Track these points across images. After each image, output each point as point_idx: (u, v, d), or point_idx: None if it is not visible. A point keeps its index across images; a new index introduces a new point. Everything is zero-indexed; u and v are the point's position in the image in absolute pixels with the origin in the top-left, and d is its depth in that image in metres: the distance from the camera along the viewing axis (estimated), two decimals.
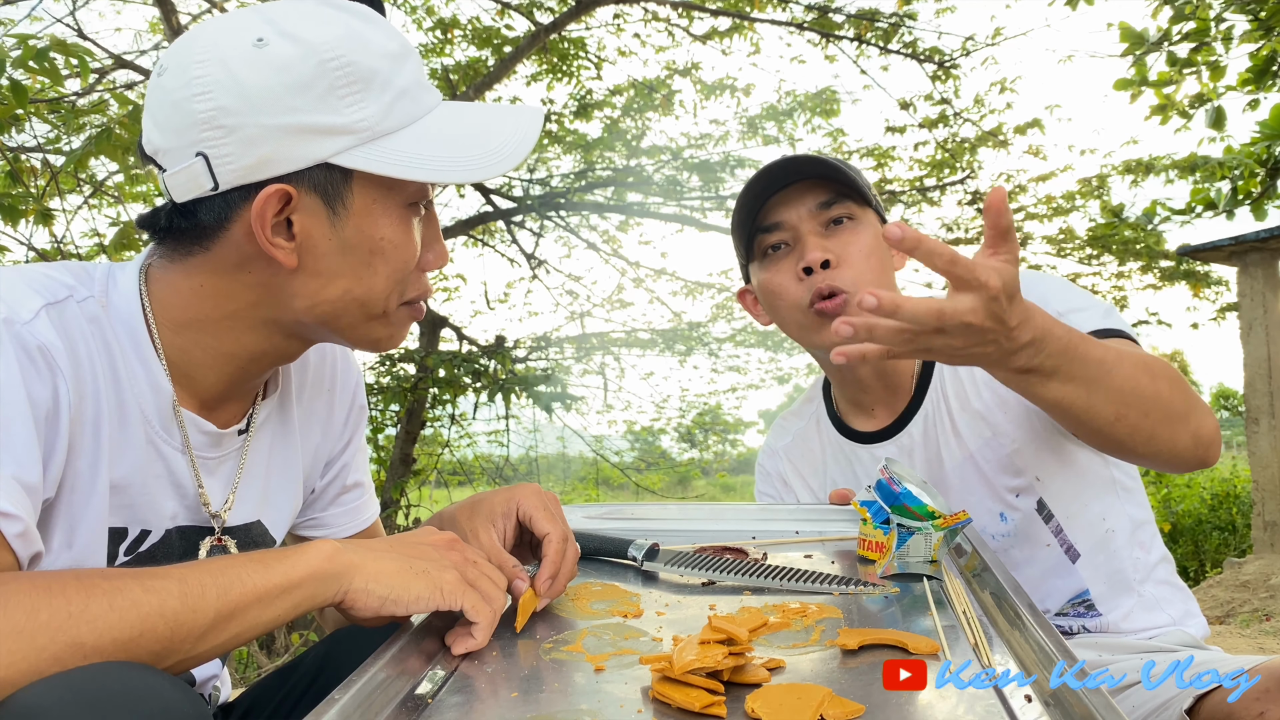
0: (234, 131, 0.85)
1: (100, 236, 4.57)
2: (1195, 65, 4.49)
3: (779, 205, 1.40)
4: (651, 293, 8.59)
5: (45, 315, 0.85)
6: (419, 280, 0.99)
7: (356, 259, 0.92)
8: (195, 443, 0.98)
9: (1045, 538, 1.40)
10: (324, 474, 1.22)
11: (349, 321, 0.96)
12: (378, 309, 0.96)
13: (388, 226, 0.93)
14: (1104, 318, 1.29)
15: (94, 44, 4.16)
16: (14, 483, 0.78)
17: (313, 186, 0.89)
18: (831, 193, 1.39)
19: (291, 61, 0.86)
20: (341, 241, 0.91)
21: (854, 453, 1.51)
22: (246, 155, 0.86)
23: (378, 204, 0.92)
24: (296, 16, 0.89)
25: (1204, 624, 1.43)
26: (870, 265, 1.38)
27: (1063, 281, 1.39)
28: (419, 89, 0.94)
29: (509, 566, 1.00)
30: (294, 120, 0.86)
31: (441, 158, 0.91)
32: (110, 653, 0.69)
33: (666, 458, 9.76)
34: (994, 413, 1.38)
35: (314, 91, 0.86)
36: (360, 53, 0.88)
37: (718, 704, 0.72)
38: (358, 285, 0.93)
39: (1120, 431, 1.10)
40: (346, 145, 0.88)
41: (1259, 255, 7.10)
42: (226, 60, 0.86)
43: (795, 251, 1.40)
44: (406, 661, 0.83)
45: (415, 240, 0.96)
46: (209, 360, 0.96)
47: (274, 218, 0.88)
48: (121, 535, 0.94)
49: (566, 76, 7.02)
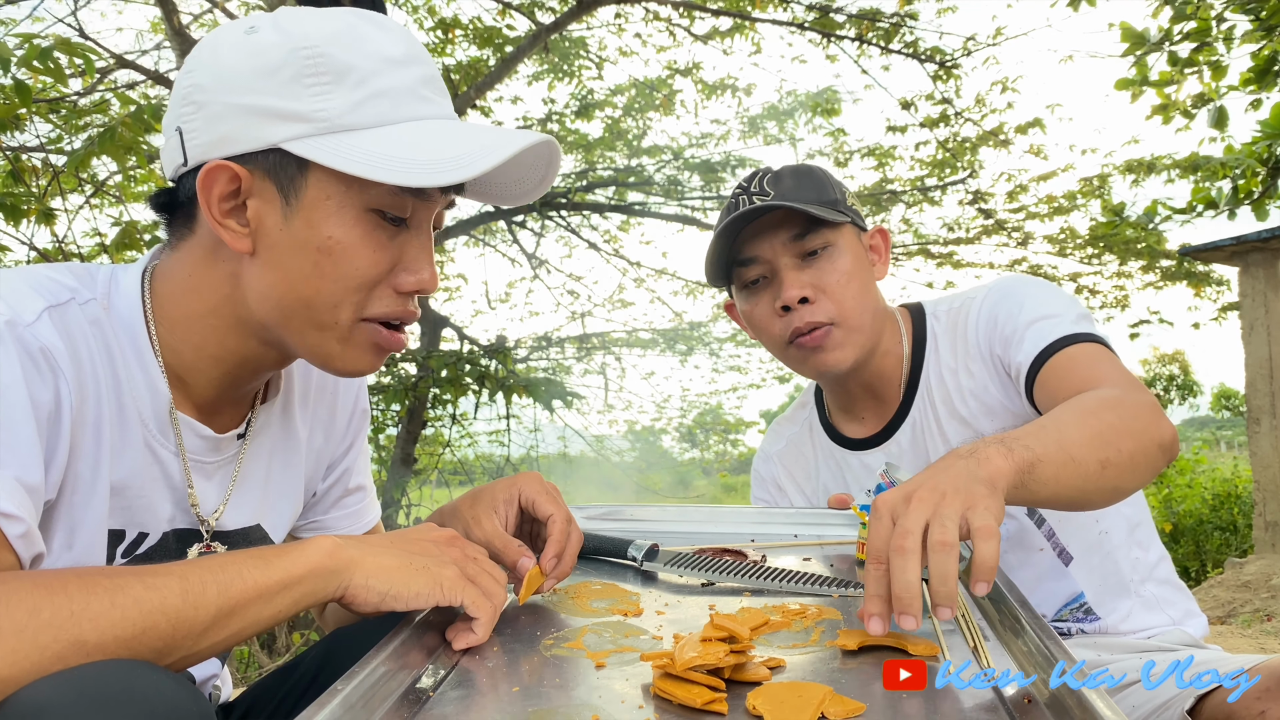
0: (203, 108, 0.89)
1: (102, 236, 4.57)
2: (1196, 65, 4.48)
3: (754, 238, 1.39)
4: (652, 292, 8.60)
5: (48, 317, 0.86)
6: (386, 297, 0.94)
7: (306, 255, 0.90)
8: (191, 447, 0.98)
9: (1038, 542, 1.40)
10: (325, 477, 1.22)
11: (298, 325, 0.93)
12: (326, 317, 0.92)
13: (338, 226, 0.90)
14: (1075, 323, 1.28)
15: (95, 44, 4.16)
16: (16, 484, 0.78)
17: (267, 172, 0.89)
18: (804, 223, 1.38)
19: (267, 47, 0.88)
20: (291, 233, 0.90)
21: (844, 459, 1.52)
22: (209, 131, 0.89)
23: (331, 201, 0.90)
24: (304, 14, 0.91)
25: (1204, 623, 1.43)
26: (851, 291, 1.38)
27: (1041, 286, 1.39)
28: (408, 97, 0.91)
29: (513, 548, 1.00)
30: (254, 101, 0.87)
31: (398, 159, 0.87)
32: (112, 650, 0.69)
33: (667, 457, 9.76)
34: (980, 420, 1.39)
35: (279, 77, 0.87)
36: (344, 49, 0.88)
37: (719, 701, 0.72)
38: (304, 284, 0.91)
39: (1109, 477, 1.03)
40: (300, 133, 0.88)
41: (1260, 255, 7.10)
42: (217, 44, 0.90)
43: (773, 286, 1.40)
44: (408, 655, 0.84)
45: (373, 248, 0.91)
46: (199, 363, 0.97)
47: (227, 201, 0.89)
48: (120, 537, 0.94)
49: (567, 76, 7.03)
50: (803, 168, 1.43)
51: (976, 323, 1.40)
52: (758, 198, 1.37)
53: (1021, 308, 1.33)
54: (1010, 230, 8.70)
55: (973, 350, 1.39)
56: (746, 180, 1.41)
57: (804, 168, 1.43)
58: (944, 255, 8.96)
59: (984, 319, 1.39)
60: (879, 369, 1.45)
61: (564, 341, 8.38)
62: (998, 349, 1.36)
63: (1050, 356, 1.25)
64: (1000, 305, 1.37)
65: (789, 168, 1.43)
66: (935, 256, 8.96)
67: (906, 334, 1.47)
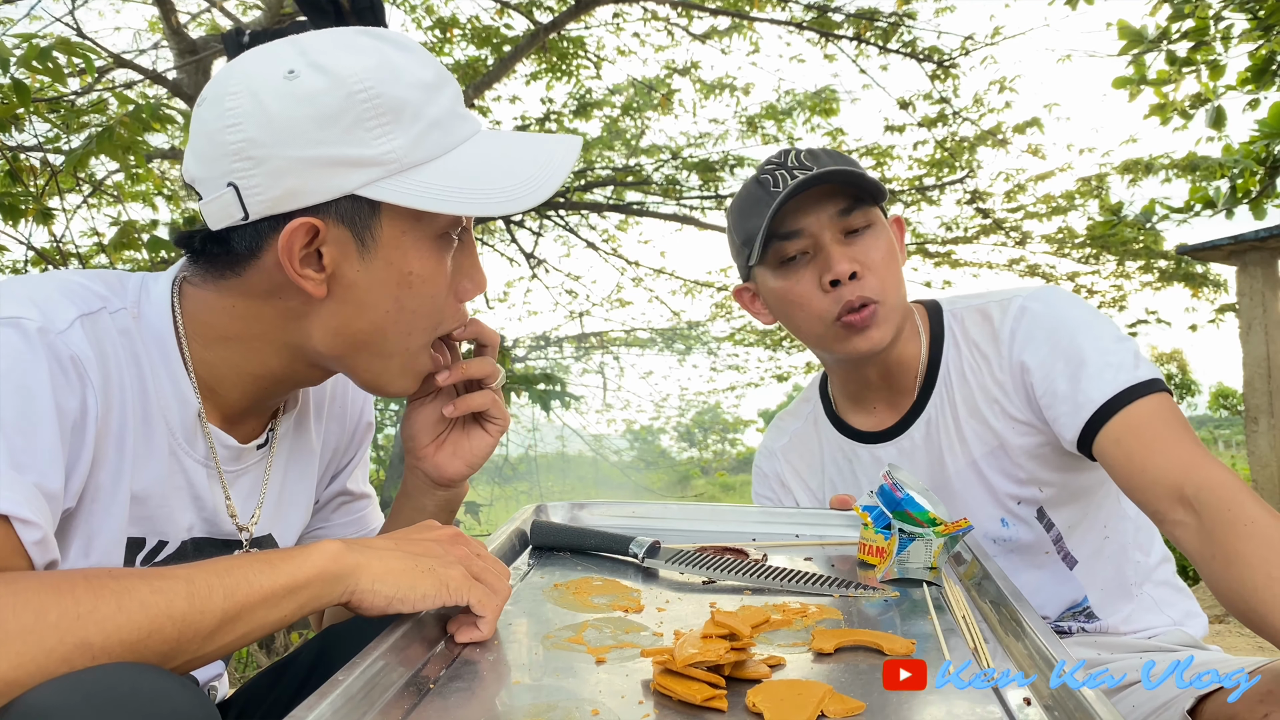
0: (262, 163, 0.86)
1: (100, 236, 4.56)
2: (1194, 64, 4.48)
3: (798, 211, 1.32)
4: (651, 292, 8.59)
5: (79, 326, 0.86)
6: (456, 310, 0.99)
7: (385, 291, 0.92)
8: (218, 456, 0.99)
9: (1044, 545, 1.40)
10: (329, 485, 1.23)
11: (365, 356, 0.96)
12: (398, 345, 0.96)
13: (417, 259, 0.92)
14: (1134, 368, 1.23)
15: (93, 43, 4.15)
16: (36, 490, 0.78)
17: (340, 218, 0.89)
18: (850, 199, 1.33)
19: (319, 93, 0.86)
20: (370, 273, 0.91)
21: (854, 451, 1.50)
22: (274, 187, 0.86)
23: (407, 236, 0.91)
24: (331, 47, 0.89)
25: (1204, 623, 1.42)
26: (892, 270, 1.35)
27: (1090, 319, 1.32)
28: (452, 119, 0.93)
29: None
30: (320, 153, 0.86)
31: (470, 190, 0.90)
32: (118, 654, 0.69)
33: (665, 457, 9.77)
34: (1003, 427, 1.35)
35: (341, 124, 0.86)
36: (391, 84, 0.88)
37: (719, 697, 0.73)
38: (383, 318, 0.93)
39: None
40: (373, 177, 0.88)
41: (1258, 254, 7.10)
42: (257, 92, 0.86)
43: (817, 261, 1.34)
44: (409, 647, 0.84)
45: (446, 271, 0.95)
46: (234, 378, 0.97)
47: (302, 250, 0.88)
48: (139, 545, 0.95)
49: (566, 76, 7.02)
50: (832, 149, 1.40)
51: (1011, 338, 1.34)
52: (798, 172, 1.31)
53: (1081, 355, 1.26)
54: (1008, 230, 8.71)
55: (1005, 364, 1.35)
56: (778, 157, 1.36)
57: (834, 149, 1.40)
58: (942, 255, 8.97)
59: (1020, 339, 1.33)
60: (899, 356, 1.41)
61: (562, 341, 8.39)
62: (1037, 379, 1.30)
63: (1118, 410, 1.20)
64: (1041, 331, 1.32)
65: (821, 147, 1.39)
66: (933, 256, 8.97)
67: (924, 328, 1.44)
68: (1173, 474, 1.12)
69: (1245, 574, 1.01)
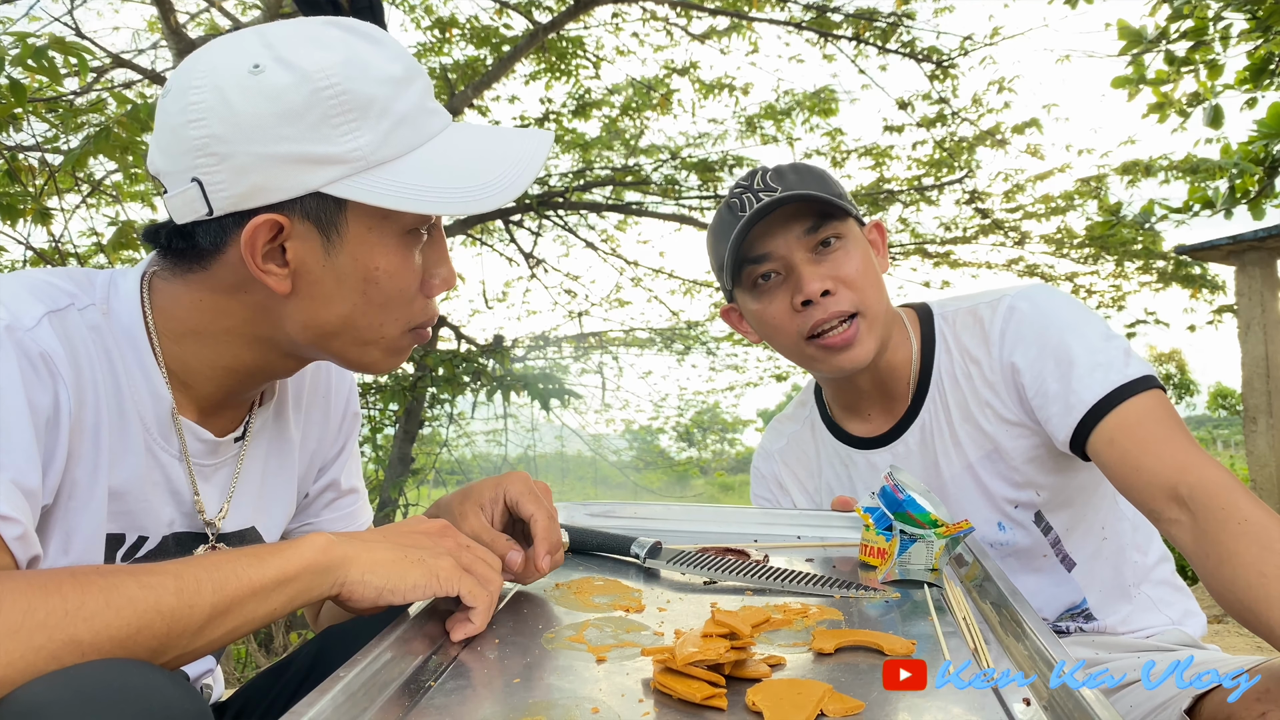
0: (226, 159, 0.85)
1: (98, 236, 4.56)
2: (1193, 64, 4.49)
3: (764, 235, 1.34)
4: (650, 291, 8.57)
5: (47, 322, 0.86)
6: (425, 306, 0.98)
7: (351, 287, 0.91)
8: (192, 450, 0.99)
9: (1042, 549, 1.40)
10: (317, 479, 1.22)
11: (340, 344, 0.95)
12: (372, 335, 0.95)
13: (383, 256, 0.91)
14: (1125, 366, 1.23)
15: (92, 43, 4.15)
16: (13, 487, 0.78)
17: (305, 215, 0.88)
18: (815, 215, 1.34)
19: (284, 89, 0.85)
20: (336, 269, 0.90)
21: (850, 457, 1.50)
22: (238, 183, 0.86)
23: (373, 232, 0.90)
24: (298, 40, 0.88)
25: (1203, 622, 1.43)
26: (870, 281, 1.35)
27: (1078, 317, 1.31)
28: (422, 114, 0.92)
29: (501, 543, 1.00)
30: (285, 150, 0.85)
31: (438, 188, 0.89)
32: (107, 650, 0.69)
33: (664, 457, 9.77)
34: (997, 430, 1.36)
35: (306, 120, 0.85)
36: (359, 80, 0.87)
37: (719, 696, 0.73)
38: (351, 311, 0.93)
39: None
40: (339, 175, 0.87)
41: (1257, 254, 7.10)
42: (221, 87, 0.85)
43: (788, 282, 1.35)
44: (408, 646, 0.84)
45: (414, 267, 0.94)
46: (206, 371, 0.97)
47: (266, 245, 0.88)
48: (119, 541, 0.94)
49: (565, 75, 7.01)
50: (801, 164, 1.40)
51: (1001, 339, 1.34)
52: (764, 194, 1.32)
53: (1069, 353, 1.26)
54: (1007, 230, 8.70)
55: (995, 365, 1.35)
56: (745, 179, 1.37)
57: (802, 164, 1.41)
58: (941, 255, 8.97)
59: (1009, 340, 1.33)
60: (890, 364, 1.41)
61: (561, 341, 8.38)
62: (1028, 380, 1.31)
63: (1110, 410, 1.20)
64: (1030, 331, 1.32)
65: (787, 164, 1.40)
66: (932, 256, 8.96)
67: (914, 333, 1.44)
68: (1167, 472, 1.13)
69: (1238, 572, 1.01)
